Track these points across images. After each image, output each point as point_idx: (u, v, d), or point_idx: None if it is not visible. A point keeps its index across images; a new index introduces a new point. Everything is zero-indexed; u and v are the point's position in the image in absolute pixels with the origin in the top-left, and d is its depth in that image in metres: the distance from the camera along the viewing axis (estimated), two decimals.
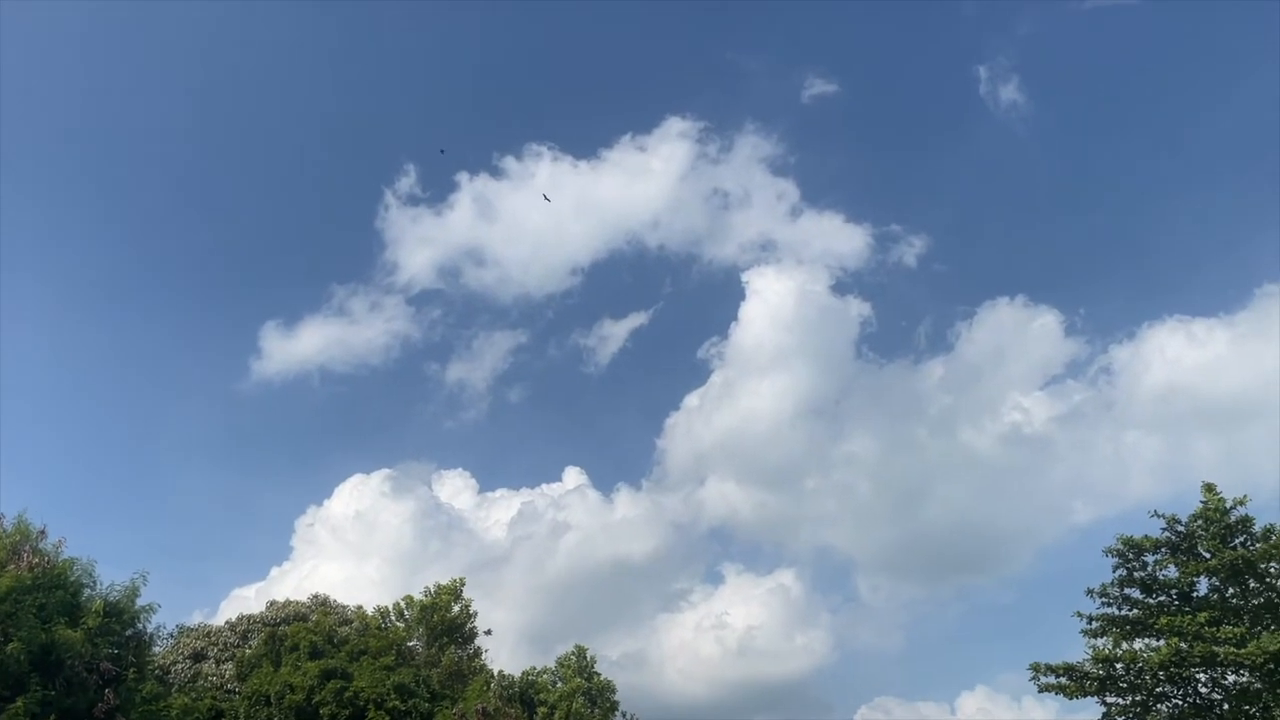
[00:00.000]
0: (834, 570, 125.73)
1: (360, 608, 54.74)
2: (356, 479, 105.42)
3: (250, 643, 50.35)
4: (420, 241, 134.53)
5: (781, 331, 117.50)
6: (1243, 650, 27.85)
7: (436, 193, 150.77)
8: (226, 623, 53.92)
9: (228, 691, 47.06)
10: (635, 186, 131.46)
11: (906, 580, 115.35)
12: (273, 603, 55.18)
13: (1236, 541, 30.57)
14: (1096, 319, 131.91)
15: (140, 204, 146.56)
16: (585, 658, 60.90)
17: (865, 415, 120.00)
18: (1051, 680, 31.56)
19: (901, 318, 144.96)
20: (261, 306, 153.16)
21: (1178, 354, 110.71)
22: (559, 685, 57.41)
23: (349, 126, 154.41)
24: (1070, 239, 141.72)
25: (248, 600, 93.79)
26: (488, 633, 57.10)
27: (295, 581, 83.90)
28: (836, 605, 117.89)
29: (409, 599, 55.10)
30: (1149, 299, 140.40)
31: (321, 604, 54.96)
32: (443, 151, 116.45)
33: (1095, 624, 31.69)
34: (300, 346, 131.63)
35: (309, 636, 45.90)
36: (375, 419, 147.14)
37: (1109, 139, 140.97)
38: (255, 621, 52.93)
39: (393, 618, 54.71)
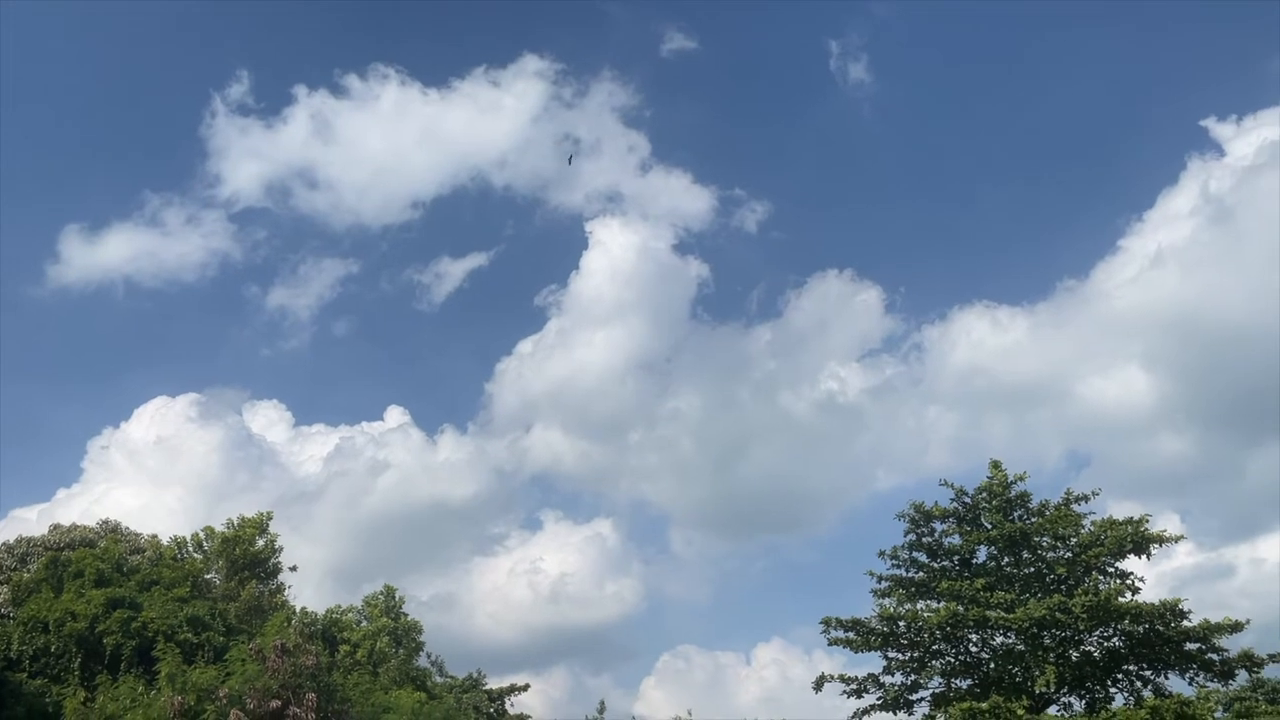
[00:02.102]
0: (650, 522, 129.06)
1: (154, 537, 52.41)
2: (160, 401, 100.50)
3: (29, 567, 47.49)
4: (248, 155, 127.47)
5: (621, 285, 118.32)
6: (1011, 615, 30.09)
7: (270, 105, 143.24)
8: (3, 544, 50.69)
9: (1, 616, 44.26)
10: (485, 122, 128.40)
11: (717, 535, 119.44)
12: (57, 526, 52.22)
13: (1015, 515, 32.90)
14: (914, 298, 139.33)
15: None
16: (393, 598, 60.27)
17: (693, 374, 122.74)
18: (840, 634, 33.19)
19: (737, 282, 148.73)
20: (62, 208, 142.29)
21: (982, 337, 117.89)
22: (364, 624, 56.66)
23: (178, 22, 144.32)
24: (899, 219, 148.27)
25: (29, 522, 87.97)
26: (292, 568, 55.81)
27: (84, 506, 79.17)
28: (650, 556, 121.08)
29: (209, 530, 53.08)
30: (962, 283, 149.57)
31: (112, 530, 52.38)
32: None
33: (884, 584, 33.53)
34: (104, 255, 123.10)
35: (95, 563, 43.64)
36: (184, 339, 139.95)
37: (941, 127, 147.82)
38: (36, 544, 49.98)
39: (190, 549, 52.58)
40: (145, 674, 36.19)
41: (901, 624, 32.24)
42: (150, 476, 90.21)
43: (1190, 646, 30.79)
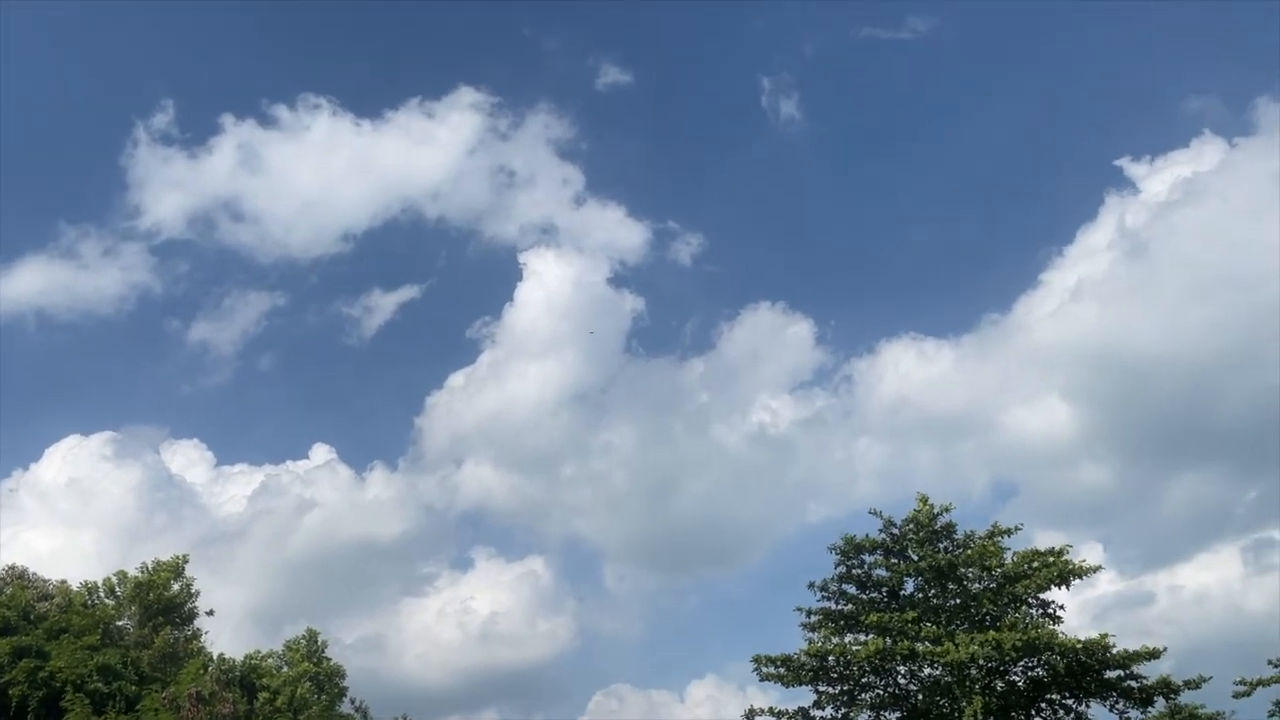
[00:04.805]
0: (583, 559, 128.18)
1: (64, 582, 50.46)
2: (72, 440, 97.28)
3: None
4: (171, 185, 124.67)
5: (556, 318, 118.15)
6: (938, 649, 30.45)
7: (196, 135, 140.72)
8: None
9: None
10: (418, 154, 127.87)
11: (650, 570, 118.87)
12: None
13: (941, 546, 33.36)
14: (844, 331, 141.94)
15: None
16: (315, 641, 58.71)
17: (627, 407, 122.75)
18: (771, 670, 33.25)
19: (672, 316, 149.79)
20: None
21: (909, 369, 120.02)
22: (284, 670, 55.06)
23: (102, 48, 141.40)
24: (829, 253, 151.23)
25: None
26: (209, 613, 54.14)
27: None
28: (584, 593, 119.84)
29: (122, 574, 51.27)
30: (890, 316, 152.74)
31: (18, 576, 50.32)
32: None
33: (813, 617, 33.71)
34: (15, 287, 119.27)
35: (1, 611, 41.81)
36: (100, 375, 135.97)
37: (870, 164, 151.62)
38: None
39: (102, 594, 50.71)
40: None
41: (831, 658, 32.37)
42: (62, 520, 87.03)
43: (1111, 674, 31.43)
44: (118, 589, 51.34)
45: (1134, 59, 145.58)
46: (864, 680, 32.85)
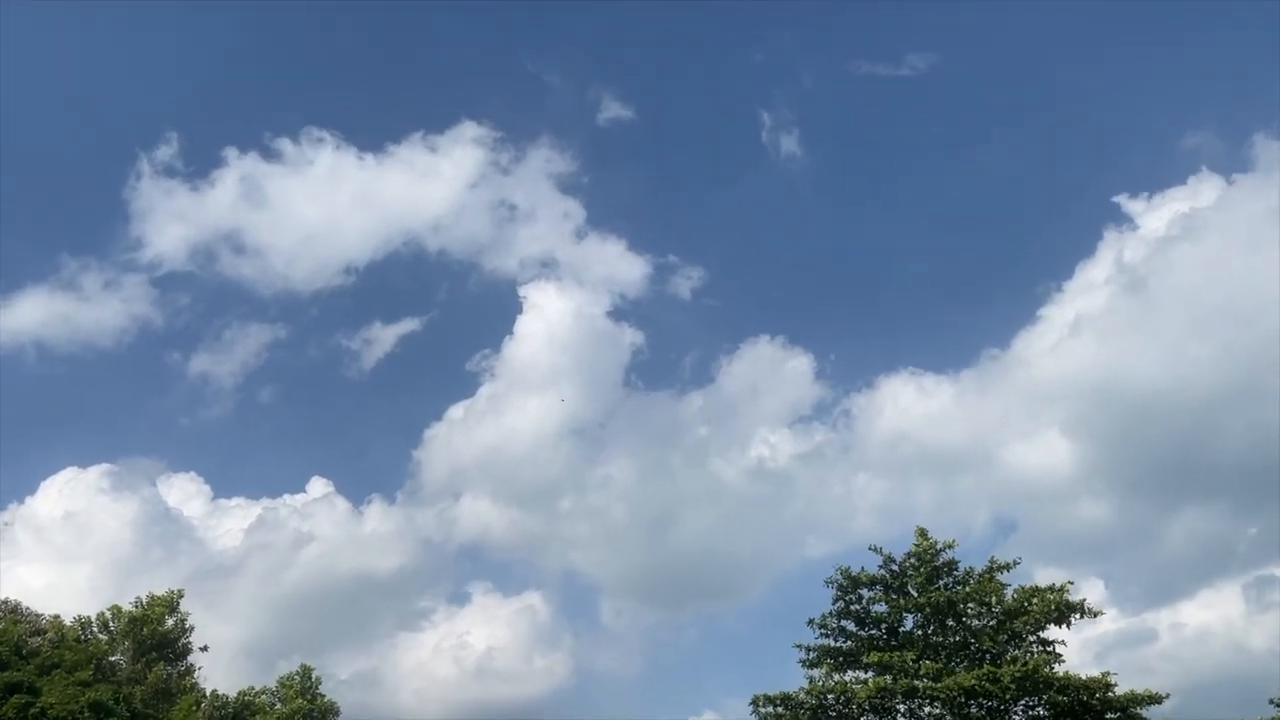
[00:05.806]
0: (581, 593, 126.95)
1: (56, 617, 50.11)
2: (69, 473, 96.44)
3: None
4: (173, 218, 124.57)
5: (556, 351, 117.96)
6: (939, 684, 30.20)
7: (199, 168, 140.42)
8: None
9: None
10: (421, 187, 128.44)
11: (648, 605, 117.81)
12: None
13: (941, 582, 33.20)
14: (843, 365, 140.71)
15: None
16: (310, 677, 58.21)
17: (626, 441, 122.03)
18: (770, 710, 33.04)
19: (671, 349, 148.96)
20: None
21: (908, 404, 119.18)
22: (278, 706, 54.56)
23: (107, 81, 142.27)
24: (829, 288, 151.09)
25: None
26: (203, 649, 53.71)
27: None
28: (581, 629, 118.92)
29: (116, 609, 50.93)
30: (889, 351, 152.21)
31: (11, 611, 50.02)
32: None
33: (812, 654, 33.51)
34: (15, 318, 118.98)
35: None
36: (98, 407, 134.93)
37: (871, 199, 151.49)
38: None
39: (95, 629, 50.34)
40: None
41: (830, 696, 32.11)
42: (58, 553, 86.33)
43: (1111, 716, 31.13)
44: (111, 624, 50.97)
45: (1132, 96, 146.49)
46: (863, 719, 32.55)
